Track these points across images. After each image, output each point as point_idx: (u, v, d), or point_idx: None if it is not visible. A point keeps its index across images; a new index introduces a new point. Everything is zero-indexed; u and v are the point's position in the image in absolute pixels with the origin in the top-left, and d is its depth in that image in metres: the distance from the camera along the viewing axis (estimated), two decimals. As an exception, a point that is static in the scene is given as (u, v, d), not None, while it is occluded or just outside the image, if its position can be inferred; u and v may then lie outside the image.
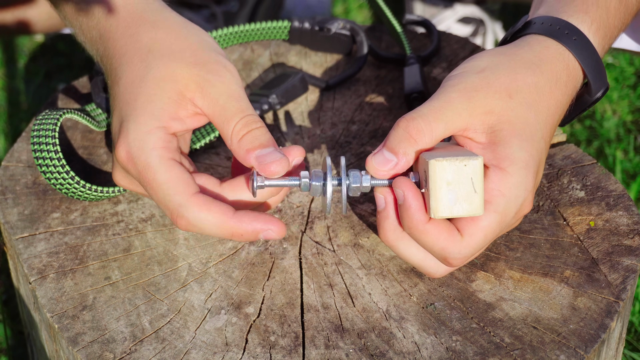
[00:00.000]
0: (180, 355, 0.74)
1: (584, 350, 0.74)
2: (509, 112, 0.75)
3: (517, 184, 0.73)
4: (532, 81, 0.77)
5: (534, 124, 0.75)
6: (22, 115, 1.66)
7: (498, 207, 0.73)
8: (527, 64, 0.77)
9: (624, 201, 0.85)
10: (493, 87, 0.75)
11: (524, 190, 0.74)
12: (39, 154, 0.83)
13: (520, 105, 0.75)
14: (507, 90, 0.75)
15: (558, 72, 0.78)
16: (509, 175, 0.73)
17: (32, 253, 0.82)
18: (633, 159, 1.55)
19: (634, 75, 1.73)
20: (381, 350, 0.74)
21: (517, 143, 0.74)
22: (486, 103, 0.75)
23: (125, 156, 0.76)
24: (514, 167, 0.73)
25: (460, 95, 0.75)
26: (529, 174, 0.74)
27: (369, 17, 1.91)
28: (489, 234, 0.73)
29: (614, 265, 0.80)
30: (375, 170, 0.75)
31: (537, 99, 0.76)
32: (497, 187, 0.73)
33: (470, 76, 0.76)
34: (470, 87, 0.75)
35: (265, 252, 0.82)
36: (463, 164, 0.71)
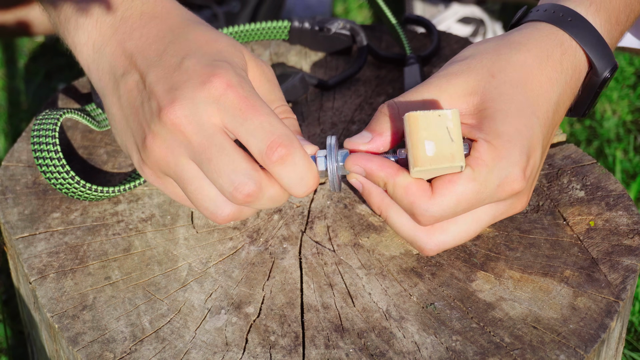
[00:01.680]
0: (180, 355, 0.74)
1: (584, 350, 0.74)
2: (492, 90, 0.75)
3: (501, 156, 0.72)
4: (516, 59, 0.76)
5: (522, 101, 0.75)
6: (22, 115, 1.66)
7: (478, 176, 0.72)
8: (511, 44, 0.78)
9: (624, 201, 0.85)
10: (474, 69, 0.76)
11: (508, 164, 0.72)
12: (39, 154, 0.83)
13: (504, 83, 0.75)
14: (490, 70, 0.76)
15: (548, 49, 0.78)
16: (494, 147, 0.72)
17: (32, 253, 0.82)
18: (633, 159, 1.55)
19: (634, 75, 1.73)
20: (381, 350, 0.74)
21: (501, 117, 0.73)
22: (467, 85, 0.75)
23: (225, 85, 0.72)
24: (498, 140, 0.72)
25: (439, 79, 0.76)
26: (515, 147, 0.72)
27: (369, 17, 1.91)
28: (463, 200, 0.72)
29: (613, 265, 0.80)
30: (351, 144, 0.76)
31: (523, 76, 0.76)
32: (480, 156, 0.72)
33: (454, 64, 0.77)
34: (450, 72, 0.76)
35: (265, 252, 0.82)
36: (437, 114, 0.71)
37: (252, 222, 0.85)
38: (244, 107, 0.72)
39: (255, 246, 0.83)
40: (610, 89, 1.70)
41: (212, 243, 0.83)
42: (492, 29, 1.73)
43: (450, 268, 0.80)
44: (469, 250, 0.82)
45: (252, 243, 0.83)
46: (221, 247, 0.83)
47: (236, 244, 0.83)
